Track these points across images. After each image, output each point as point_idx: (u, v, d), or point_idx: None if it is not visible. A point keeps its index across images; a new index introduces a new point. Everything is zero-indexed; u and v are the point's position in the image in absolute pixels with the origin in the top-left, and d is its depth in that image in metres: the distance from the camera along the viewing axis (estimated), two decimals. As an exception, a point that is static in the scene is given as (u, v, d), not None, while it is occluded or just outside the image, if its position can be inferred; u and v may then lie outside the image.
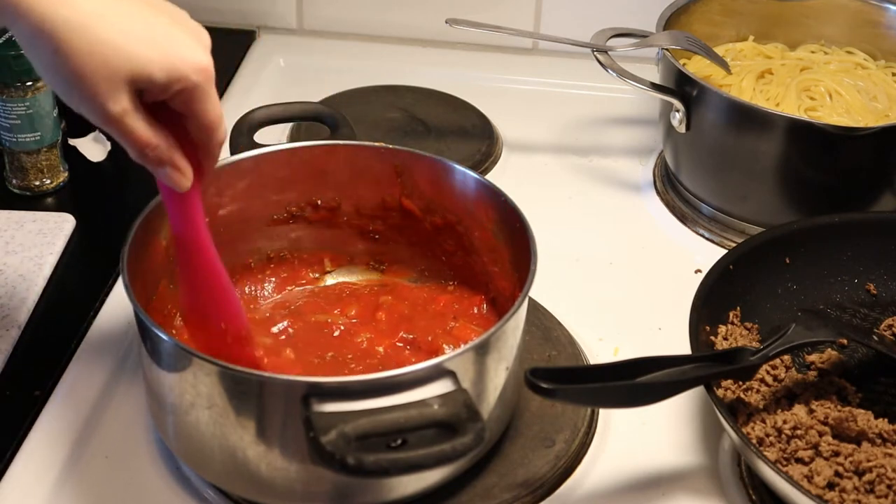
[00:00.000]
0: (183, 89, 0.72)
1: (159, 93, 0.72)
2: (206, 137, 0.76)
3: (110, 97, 0.69)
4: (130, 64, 0.69)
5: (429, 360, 0.75)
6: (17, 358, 0.97)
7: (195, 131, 0.76)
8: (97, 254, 1.11)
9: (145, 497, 0.86)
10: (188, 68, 0.71)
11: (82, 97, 0.70)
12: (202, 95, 0.73)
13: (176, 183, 0.77)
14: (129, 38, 0.69)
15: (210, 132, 0.76)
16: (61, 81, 0.70)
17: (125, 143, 0.73)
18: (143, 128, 0.72)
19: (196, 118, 0.74)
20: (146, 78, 0.70)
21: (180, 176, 0.76)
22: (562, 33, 1.24)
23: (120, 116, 0.71)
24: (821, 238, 1.01)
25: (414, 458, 0.70)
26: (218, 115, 0.75)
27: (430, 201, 0.97)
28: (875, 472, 0.82)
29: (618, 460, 0.90)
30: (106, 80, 0.69)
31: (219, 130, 0.76)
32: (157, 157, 0.74)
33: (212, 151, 0.78)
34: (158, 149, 0.74)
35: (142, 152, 0.74)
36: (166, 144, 0.74)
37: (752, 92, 1.19)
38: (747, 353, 0.87)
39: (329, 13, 1.50)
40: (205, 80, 0.73)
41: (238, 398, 0.77)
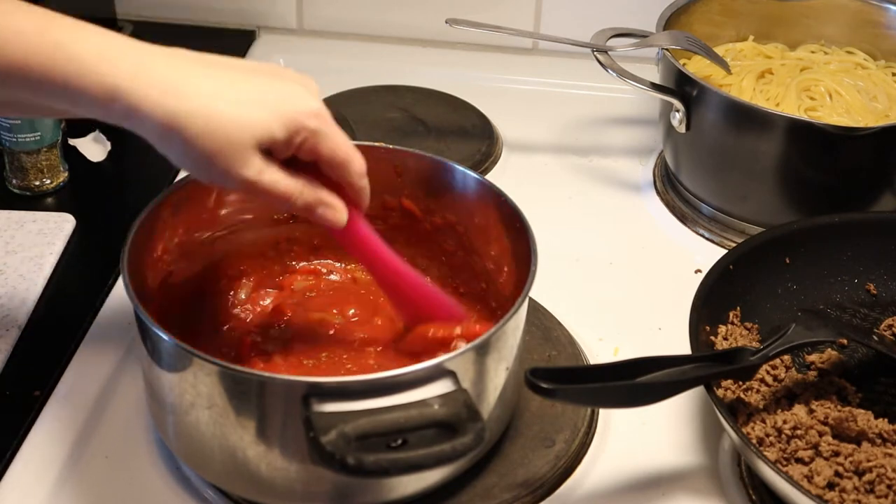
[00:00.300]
0: (305, 139, 0.75)
1: (285, 148, 0.75)
2: (342, 173, 0.78)
3: (242, 166, 0.73)
4: (251, 131, 0.73)
5: (429, 360, 0.75)
6: (17, 358, 0.97)
7: (331, 173, 0.78)
8: (97, 254, 1.11)
9: (145, 497, 0.86)
10: (303, 117, 0.74)
11: (219, 174, 0.73)
12: (323, 138, 0.76)
13: (331, 220, 0.80)
14: (243, 108, 0.73)
15: (344, 168, 0.78)
16: (196, 166, 0.74)
17: (274, 202, 0.77)
18: (282, 179, 0.75)
19: (325, 160, 0.77)
20: (269, 138, 0.73)
21: (334, 212, 0.79)
22: (562, 33, 1.24)
23: (256, 178, 0.74)
24: (821, 238, 1.01)
25: (414, 458, 0.70)
26: (345, 150, 0.78)
27: (430, 201, 0.97)
28: (875, 472, 0.82)
29: (618, 460, 0.90)
30: (234, 153, 0.72)
31: (352, 164, 0.78)
32: (305, 201, 0.77)
33: (354, 184, 0.80)
34: (304, 194, 0.77)
35: (291, 203, 0.77)
36: (310, 188, 0.77)
37: (752, 92, 1.19)
38: (747, 353, 0.87)
39: (329, 13, 1.50)
40: (322, 123, 0.76)
41: (238, 398, 0.77)
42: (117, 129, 0.73)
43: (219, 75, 0.74)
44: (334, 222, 0.80)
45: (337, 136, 0.77)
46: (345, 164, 0.78)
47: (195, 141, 0.71)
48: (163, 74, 0.71)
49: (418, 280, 0.88)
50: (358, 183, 0.80)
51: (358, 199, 0.81)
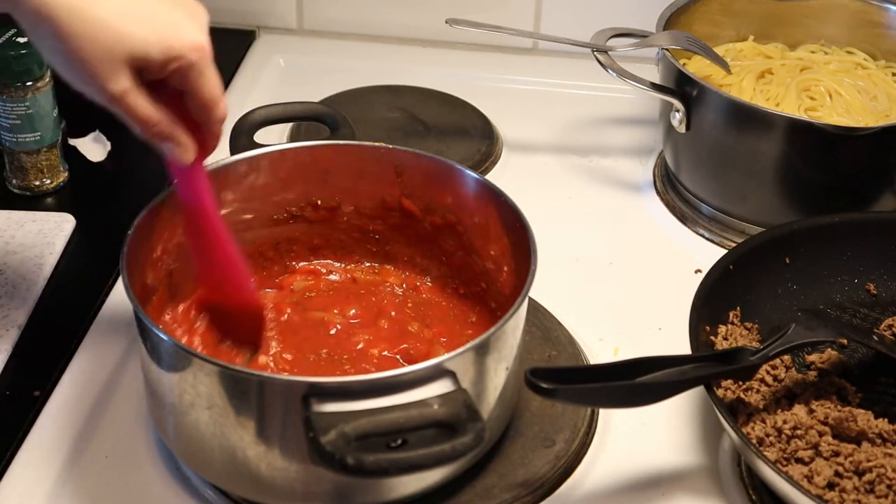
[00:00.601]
0: (179, 67, 0.74)
1: (158, 71, 0.74)
2: (205, 114, 0.78)
3: (111, 78, 0.72)
4: (128, 45, 0.72)
5: (429, 360, 0.75)
6: (17, 358, 0.97)
7: (195, 109, 0.78)
8: (97, 254, 1.11)
9: (145, 497, 0.86)
10: (184, 47, 0.74)
11: (84, 78, 0.73)
12: (199, 73, 0.75)
13: (178, 157, 0.79)
14: (126, 20, 0.72)
15: (209, 109, 0.78)
16: (63, 63, 0.73)
17: (128, 120, 0.76)
18: (145, 105, 0.75)
19: (194, 95, 0.76)
20: (143, 57, 0.73)
21: (182, 150, 0.79)
22: (562, 33, 1.24)
23: (121, 95, 0.73)
24: (821, 238, 1.01)
25: (414, 458, 0.70)
26: (215, 92, 0.77)
27: (430, 201, 0.97)
28: (875, 472, 0.82)
29: (618, 460, 0.90)
30: (106, 62, 0.72)
31: (217, 107, 0.78)
32: (160, 132, 0.77)
33: (212, 128, 0.80)
34: (160, 124, 0.76)
35: (144, 128, 0.76)
36: (168, 120, 0.77)
37: (752, 92, 1.19)
38: (747, 353, 0.87)
39: (329, 13, 1.50)
40: (201, 58, 0.75)
41: (238, 398, 0.77)
42: (117, 129, 0.73)
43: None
44: (181, 160, 0.79)
45: (211, 75, 0.76)
46: (210, 105, 0.77)
47: (69, 39, 0.70)
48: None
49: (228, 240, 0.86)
50: (216, 127, 0.80)
51: (208, 143, 0.81)
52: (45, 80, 1.13)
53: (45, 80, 1.12)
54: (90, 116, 1.28)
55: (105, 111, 0.75)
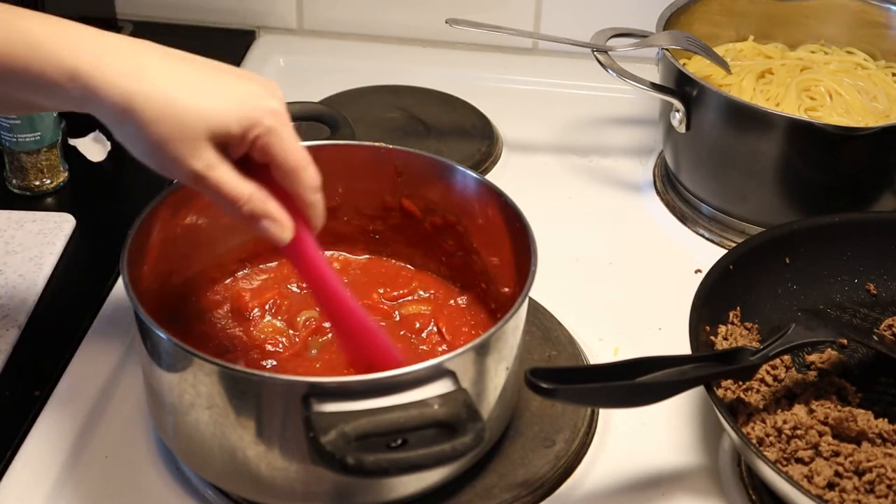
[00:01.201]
0: (258, 136, 0.73)
1: (239, 143, 0.74)
2: (293, 182, 0.76)
3: (193, 154, 0.72)
4: (206, 121, 0.72)
5: (429, 360, 0.75)
6: (17, 358, 0.97)
7: (282, 179, 0.76)
8: (97, 254, 1.11)
9: (145, 497, 0.86)
10: (260, 114, 0.73)
11: (168, 160, 0.72)
12: (279, 138, 0.74)
13: (274, 235, 0.77)
14: (202, 97, 0.72)
15: (295, 175, 0.76)
16: (148, 151, 0.73)
17: (219, 200, 0.75)
18: (232, 180, 0.74)
19: (278, 163, 0.75)
20: (224, 131, 0.72)
21: (278, 227, 0.77)
22: (562, 33, 1.24)
23: (205, 171, 0.73)
24: (821, 238, 1.01)
25: (414, 458, 0.70)
26: (299, 156, 0.76)
27: (430, 201, 0.97)
28: (875, 472, 0.82)
29: (618, 460, 0.90)
30: (186, 141, 0.72)
31: (304, 172, 0.76)
32: (252, 209, 0.75)
33: (304, 195, 0.77)
34: (252, 200, 0.75)
35: (235, 205, 0.75)
36: (260, 195, 0.75)
37: (752, 92, 1.19)
38: (747, 353, 0.87)
39: (329, 13, 1.50)
40: (279, 123, 0.74)
41: (238, 398, 0.77)
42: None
43: (181, 65, 0.74)
44: (276, 238, 0.77)
45: (292, 140, 0.75)
46: (296, 172, 0.76)
47: (149, 125, 0.71)
48: (124, 58, 0.71)
49: (361, 315, 0.83)
50: (309, 196, 0.77)
51: (307, 213, 0.78)
52: (45, 80, 1.12)
53: (45, 80, 1.12)
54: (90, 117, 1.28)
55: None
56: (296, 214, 0.78)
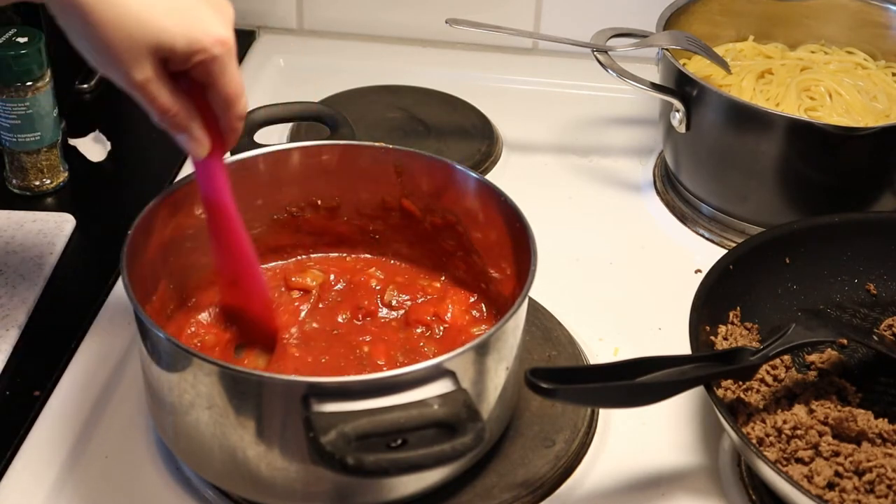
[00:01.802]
0: (203, 60, 0.76)
1: (181, 63, 0.76)
2: (225, 109, 0.79)
3: (135, 65, 0.74)
4: (154, 35, 0.73)
5: (429, 360, 0.75)
6: (17, 358, 0.97)
7: (215, 102, 0.79)
8: (97, 254, 1.11)
9: (145, 497, 0.86)
10: (209, 40, 0.75)
11: (109, 64, 0.74)
12: (222, 67, 0.77)
13: (192, 151, 0.81)
14: (153, 11, 0.73)
15: (229, 103, 0.79)
16: (90, 49, 0.74)
17: (148, 107, 0.78)
18: (165, 95, 0.77)
19: (216, 90, 0.78)
20: (168, 48, 0.74)
21: (196, 144, 0.81)
22: (562, 33, 1.24)
23: (143, 83, 0.75)
24: (821, 238, 1.01)
25: (414, 458, 0.70)
26: (237, 88, 0.79)
27: (430, 201, 0.97)
28: (875, 472, 0.82)
29: (618, 460, 0.90)
30: (130, 50, 0.73)
31: (237, 103, 0.79)
32: (176, 123, 0.79)
33: (231, 124, 0.81)
34: (178, 116, 0.78)
35: (162, 117, 0.78)
36: (186, 112, 0.78)
37: (752, 92, 1.19)
38: (747, 353, 0.87)
39: (329, 13, 1.50)
40: (224, 52, 0.76)
41: (238, 398, 0.77)
42: (117, 129, 0.73)
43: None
44: (194, 154, 0.81)
45: (234, 71, 0.78)
46: (230, 100, 0.79)
47: (96, 26, 0.72)
48: None
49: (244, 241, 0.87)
50: (235, 123, 0.81)
51: (228, 138, 0.82)
52: (45, 81, 1.12)
53: (44, 80, 1.12)
54: (90, 116, 1.29)
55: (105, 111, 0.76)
56: (213, 133, 0.81)
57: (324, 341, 0.93)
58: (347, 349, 0.92)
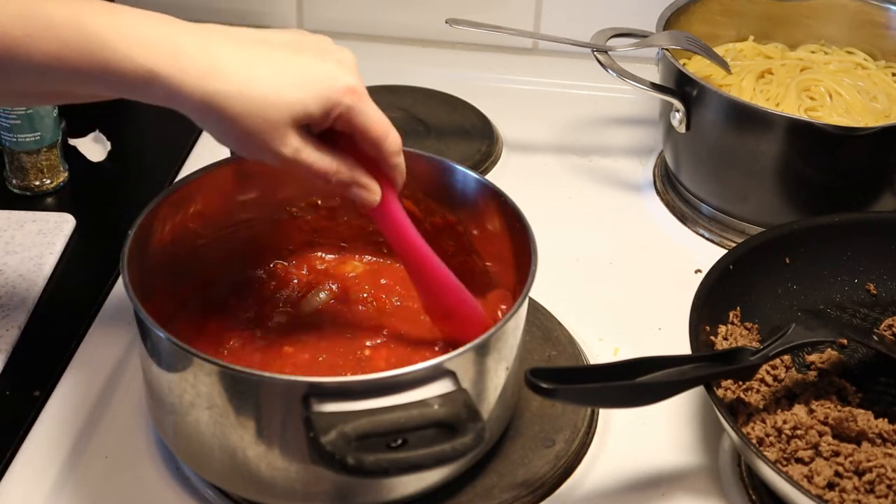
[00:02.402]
0: (340, 114, 0.76)
1: (322, 123, 0.77)
2: (377, 150, 0.80)
3: (280, 143, 0.75)
4: (287, 110, 0.74)
5: (429, 360, 0.75)
6: (17, 358, 0.97)
7: (366, 147, 0.79)
8: (97, 254, 1.11)
9: (145, 497, 0.86)
10: (338, 95, 0.76)
11: (259, 150, 0.76)
12: (359, 113, 0.77)
13: (364, 200, 0.81)
14: (280, 88, 0.74)
15: (378, 144, 0.79)
16: (237, 143, 0.76)
17: (309, 176, 0.78)
18: (319, 158, 0.77)
19: (362, 135, 0.78)
20: (305, 116, 0.75)
21: (368, 192, 0.81)
22: (562, 33, 1.24)
23: (294, 156, 0.76)
24: (821, 238, 1.01)
25: (414, 458, 0.70)
26: (380, 126, 0.79)
27: (430, 201, 0.97)
28: (875, 472, 0.82)
29: (618, 460, 0.90)
30: (271, 131, 0.74)
31: (386, 140, 0.80)
32: (341, 180, 0.79)
33: (388, 161, 0.81)
34: (340, 172, 0.79)
35: (325, 180, 0.79)
36: (346, 167, 0.79)
37: (752, 92, 1.19)
38: (747, 353, 0.87)
39: (329, 13, 1.50)
40: (356, 99, 0.77)
41: (238, 398, 0.77)
42: (117, 129, 0.73)
43: (255, 53, 0.75)
44: (367, 202, 0.81)
45: (371, 111, 0.78)
46: (379, 140, 0.79)
47: (233, 121, 0.73)
48: (199, 56, 0.73)
49: (444, 272, 0.87)
50: (392, 160, 0.81)
51: (392, 176, 0.82)
52: (45, 80, 1.12)
53: (45, 80, 1.12)
54: (90, 116, 1.29)
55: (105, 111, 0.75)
56: (379, 176, 0.82)
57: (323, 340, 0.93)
58: (347, 349, 0.92)
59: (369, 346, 0.92)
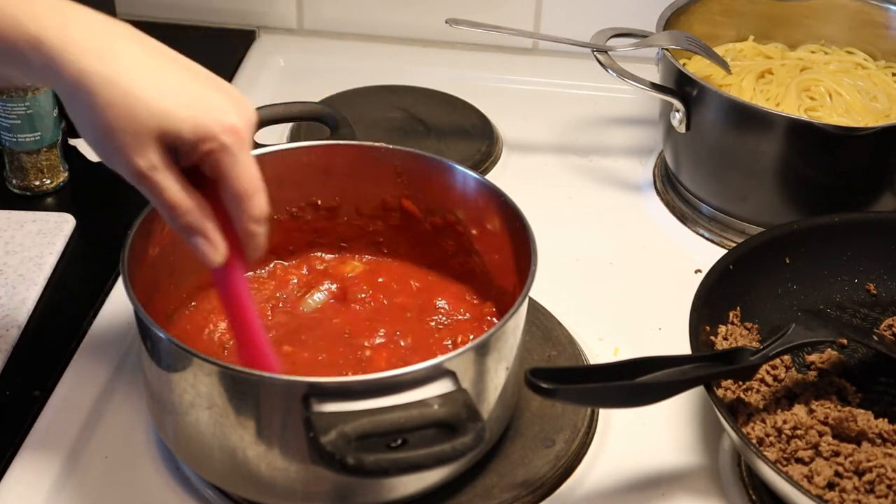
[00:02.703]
0: (211, 150, 0.70)
1: (189, 151, 0.71)
2: (238, 207, 0.73)
3: (137, 151, 0.69)
4: (159, 118, 0.69)
5: (429, 360, 0.75)
6: (17, 358, 0.97)
7: (228, 200, 0.73)
8: (97, 254, 1.11)
9: (145, 497, 0.86)
10: (217, 128, 0.70)
11: (112, 150, 0.70)
12: (232, 158, 0.71)
13: (205, 255, 0.74)
14: (160, 95, 0.69)
15: (241, 200, 0.73)
16: (93, 134, 0.70)
17: (155, 203, 0.72)
18: (174, 187, 0.71)
19: (227, 184, 0.72)
20: (174, 134, 0.69)
21: (211, 248, 0.74)
22: (562, 33, 1.24)
23: (147, 171, 0.70)
24: (821, 238, 1.01)
25: (414, 458, 0.70)
26: (250, 184, 0.72)
27: (430, 201, 0.97)
28: (875, 472, 0.82)
29: (618, 460, 0.90)
30: (135, 134, 0.69)
31: (251, 200, 0.73)
32: (188, 223, 0.73)
33: (246, 227, 0.74)
34: (189, 214, 0.72)
35: (171, 213, 0.72)
36: (198, 211, 0.72)
37: (752, 92, 1.19)
38: (747, 353, 0.87)
39: (329, 13, 1.50)
40: (235, 142, 0.71)
41: (238, 398, 0.77)
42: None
43: (154, 58, 0.71)
44: (207, 258, 0.74)
45: (246, 163, 0.72)
46: (243, 198, 0.72)
47: (102, 109, 0.68)
48: (93, 35, 0.69)
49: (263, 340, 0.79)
50: (250, 226, 0.74)
51: (245, 242, 0.75)
52: (45, 80, 1.12)
53: (45, 80, 1.12)
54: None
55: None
56: (233, 239, 0.75)
57: (322, 339, 0.93)
58: (346, 349, 0.92)
59: (369, 345, 0.92)
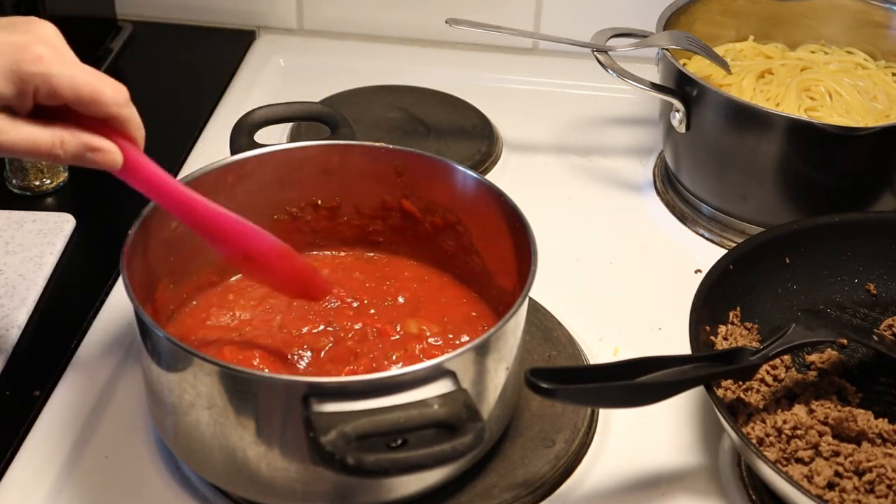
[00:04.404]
0: (37, 87, 0.69)
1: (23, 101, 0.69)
2: (97, 107, 0.71)
3: None
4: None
5: (429, 361, 0.75)
6: (17, 358, 0.97)
7: (85, 111, 0.71)
8: (97, 254, 1.11)
9: (145, 497, 0.86)
10: (26, 66, 0.68)
11: None
12: (59, 79, 0.69)
13: (106, 162, 0.73)
14: None
15: (94, 101, 0.71)
16: None
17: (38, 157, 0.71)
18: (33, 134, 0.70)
19: (73, 100, 0.70)
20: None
21: (105, 154, 0.73)
22: (562, 33, 1.24)
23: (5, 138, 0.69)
24: (821, 238, 1.01)
25: (414, 458, 0.70)
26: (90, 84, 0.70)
27: (430, 201, 0.97)
28: (875, 472, 0.82)
29: (618, 460, 0.90)
30: None
31: (103, 94, 0.71)
32: (71, 151, 0.71)
33: (115, 115, 0.72)
34: (65, 143, 0.71)
35: (52, 155, 0.71)
36: (70, 134, 0.71)
37: (752, 92, 1.19)
38: (747, 353, 0.87)
39: (329, 13, 1.50)
40: (48, 65, 0.68)
41: (238, 398, 0.77)
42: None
43: None
44: (109, 164, 0.73)
45: (73, 72, 0.69)
46: (93, 98, 0.70)
47: None
48: None
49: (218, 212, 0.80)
50: (118, 112, 0.72)
51: (126, 130, 0.74)
52: (45, 80, 1.12)
53: (45, 80, 1.12)
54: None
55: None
56: (116, 136, 0.74)
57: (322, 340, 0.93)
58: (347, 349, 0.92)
59: (369, 345, 0.92)
